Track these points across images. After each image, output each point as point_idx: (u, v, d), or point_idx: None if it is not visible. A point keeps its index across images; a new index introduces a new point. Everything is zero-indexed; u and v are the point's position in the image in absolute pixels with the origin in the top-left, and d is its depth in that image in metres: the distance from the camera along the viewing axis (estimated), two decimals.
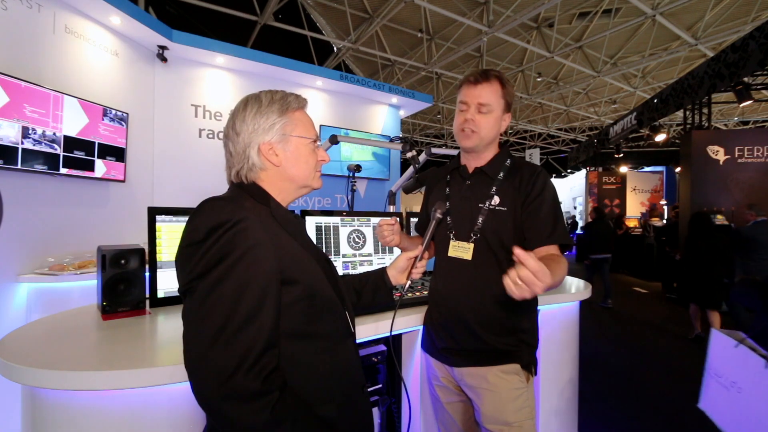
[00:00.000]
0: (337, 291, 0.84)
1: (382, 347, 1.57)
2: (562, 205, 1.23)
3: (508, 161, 1.22)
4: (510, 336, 1.14)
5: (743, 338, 1.27)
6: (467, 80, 1.16)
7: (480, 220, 1.15)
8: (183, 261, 0.69)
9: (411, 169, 2.26)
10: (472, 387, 1.17)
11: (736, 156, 5.90)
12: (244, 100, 0.83)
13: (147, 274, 1.39)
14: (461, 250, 1.17)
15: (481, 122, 1.13)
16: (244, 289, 0.65)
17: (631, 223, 10.53)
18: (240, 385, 0.61)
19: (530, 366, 1.18)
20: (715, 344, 1.36)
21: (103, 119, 2.82)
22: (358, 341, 1.15)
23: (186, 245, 0.69)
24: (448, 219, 1.22)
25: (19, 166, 2.27)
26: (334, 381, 0.78)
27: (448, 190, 1.27)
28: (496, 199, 1.16)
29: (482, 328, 1.13)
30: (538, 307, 1.24)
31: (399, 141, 2.28)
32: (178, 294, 0.72)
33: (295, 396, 0.69)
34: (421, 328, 1.36)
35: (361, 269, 1.79)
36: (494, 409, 1.13)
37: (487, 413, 1.14)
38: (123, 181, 3.03)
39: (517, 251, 0.80)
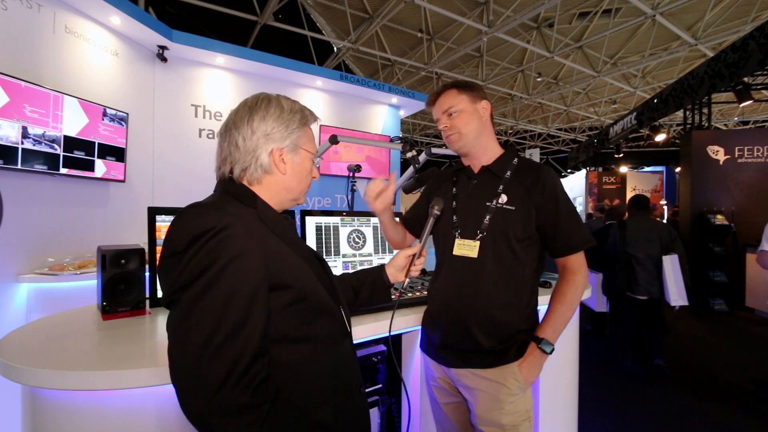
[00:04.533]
0: (330, 291, 0.83)
1: (382, 347, 1.57)
2: None
3: (515, 160, 1.22)
4: (508, 337, 1.13)
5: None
6: (427, 104, 1.28)
7: (487, 218, 1.15)
8: (165, 271, 0.67)
9: (411, 169, 2.26)
10: (468, 388, 1.17)
11: (736, 156, 5.90)
12: (266, 99, 0.81)
13: (147, 274, 1.39)
14: (467, 248, 1.16)
15: (456, 123, 1.19)
16: (229, 300, 0.63)
17: None
18: (229, 398, 0.59)
19: None
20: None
21: (103, 119, 2.82)
22: (357, 341, 1.15)
23: (168, 255, 0.67)
24: (454, 218, 1.21)
25: (19, 166, 2.27)
26: (331, 382, 0.77)
27: (455, 189, 1.27)
28: (503, 198, 1.15)
29: (480, 328, 1.12)
30: (538, 307, 1.23)
31: (399, 141, 2.28)
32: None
33: (288, 404, 0.68)
34: (420, 328, 1.36)
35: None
36: (488, 412, 1.12)
37: (480, 415, 1.14)
38: (123, 181, 3.03)
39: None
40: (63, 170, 2.53)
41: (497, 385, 1.12)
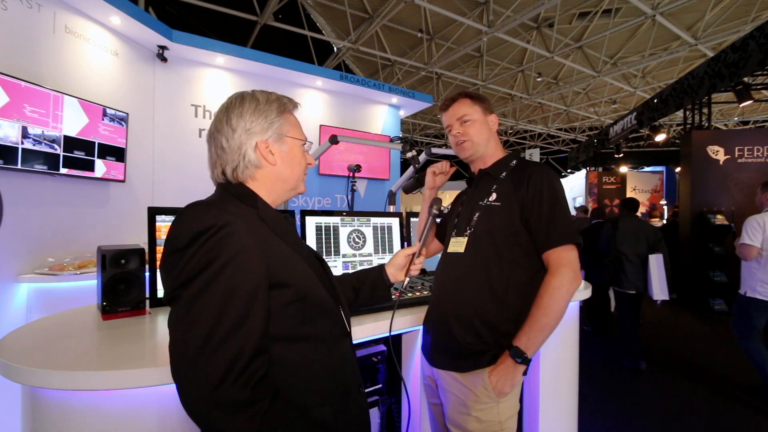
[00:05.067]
0: (330, 291, 0.84)
1: (382, 347, 1.57)
2: None
3: (514, 162, 1.24)
4: (485, 337, 1.10)
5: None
6: (441, 108, 1.31)
7: (476, 215, 1.19)
8: (167, 268, 0.68)
9: (411, 169, 2.27)
10: (443, 389, 1.19)
11: (736, 156, 5.90)
12: (240, 96, 0.81)
13: (147, 274, 1.39)
14: (457, 244, 1.20)
15: (468, 131, 1.23)
16: (230, 297, 0.64)
17: None
18: (228, 394, 0.60)
19: None
20: None
21: (103, 119, 2.82)
22: (357, 341, 1.15)
23: (169, 252, 0.68)
24: (456, 220, 1.28)
25: (19, 166, 2.27)
26: (330, 382, 0.77)
27: (464, 197, 1.34)
28: (493, 196, 1.18)
29: (457, 322, 1.13)
30: None
31: (399, 141, 2.28)
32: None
33: (288, 402, 0.68)
34: (421, 328, 1.36)
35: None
36: (456, 414, 1.14)
37: (449, 416, 1.16)
38: (123, 181, 3.03)
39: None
40: (63, 170, 2.53)
41: (466, 390, 1.11)
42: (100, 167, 2.81)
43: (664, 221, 9.40)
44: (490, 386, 1.07)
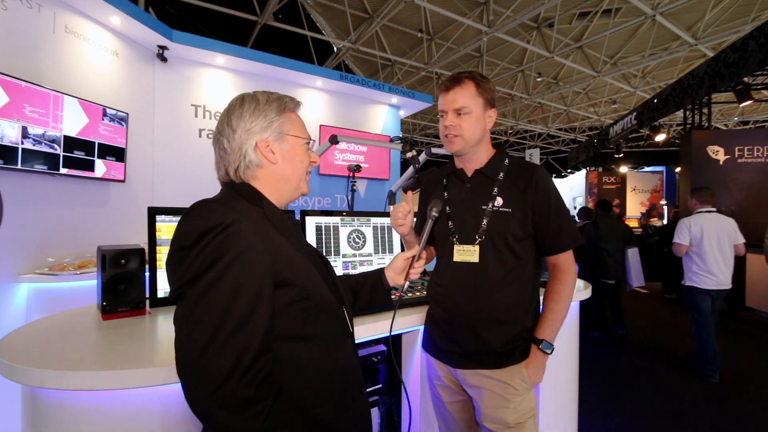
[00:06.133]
0: (334, 291, 0.84)
1: (382, 347, 1.57)
2: None
3: (506, 161, 1.22)
4: (514, 337, 1.15)
5: None
6: (441, 88, 1.21)
7: (484, 221, 1.15)
8: (173, 266, 0.69)
9: (411, 169, 2.27)
10: (474, 386, 1.18)
11: (736, 156, 5.90)
12: (240, 98, 0.82)
13: (147, 274, 1.39)
14: (467, 253, 1.16)
15: (462, 125, 1.15)
16: (236, 294, 0.64)
17: (632, 224, 10.55)
18: (233, 391, 0.60)
19: None
20: None
21: (103, 119, 2.82)
22: (357, 341, 1.15)
23: (176, 250, 0.69)
24: (450, 224, 1.21)
25: (19, 166, 2.26)
26: (332, 382, 0.78)
27: (446, 194, 1.26)
28: (499, 200, 1.16)
29: (487, 330, 1.13)
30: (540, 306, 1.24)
31: (399, 141, 2.28)
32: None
33: (290, 401, 0.68)
34: (421, 328, 1.36)
35: (361, 269, 1.79)
36: (494, 409, 1.13)
37: (486, 412, 1.15)
38: (123, 181, 3.03)
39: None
40: (63, 170, 2.53)
41: (504, 384, 1.13)
42: (100, 167, 2.81)
43: (664, 221, 9.40)
44: (528, 378, 1.14)
